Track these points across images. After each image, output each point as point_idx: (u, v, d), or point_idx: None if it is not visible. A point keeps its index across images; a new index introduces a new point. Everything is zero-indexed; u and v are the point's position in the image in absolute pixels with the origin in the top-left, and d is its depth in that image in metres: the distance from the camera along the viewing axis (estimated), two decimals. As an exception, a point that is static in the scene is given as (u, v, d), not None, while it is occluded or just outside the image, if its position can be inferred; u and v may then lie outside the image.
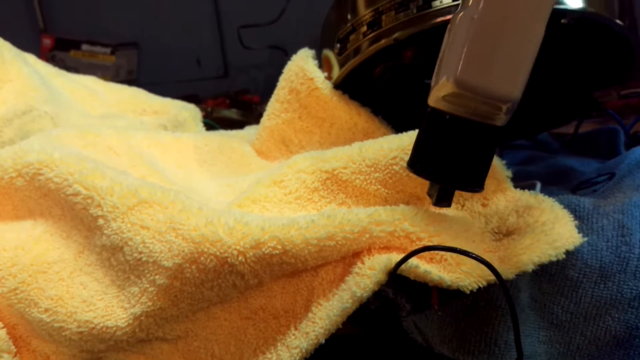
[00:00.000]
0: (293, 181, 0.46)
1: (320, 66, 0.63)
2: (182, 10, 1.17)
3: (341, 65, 0.57)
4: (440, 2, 0.49)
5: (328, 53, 0.60)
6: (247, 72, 1.15)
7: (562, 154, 0.66)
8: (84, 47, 1.12)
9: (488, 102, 0.34)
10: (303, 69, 0.60)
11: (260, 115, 0.68)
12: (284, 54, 1.13)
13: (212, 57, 1.18)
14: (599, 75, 0.61)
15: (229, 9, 1.16)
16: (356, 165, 0.45)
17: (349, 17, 0.55)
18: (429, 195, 0.39)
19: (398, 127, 0.60)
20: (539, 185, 0.52)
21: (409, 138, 0.46)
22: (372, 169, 0.45)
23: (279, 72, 1.11)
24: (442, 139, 0.37)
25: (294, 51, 1.01)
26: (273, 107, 0.63)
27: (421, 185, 0.45)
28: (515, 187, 0.47)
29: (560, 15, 0.49)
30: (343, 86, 0.59)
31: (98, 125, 0.66)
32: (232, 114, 0.98)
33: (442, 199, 0.38)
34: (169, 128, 0.68)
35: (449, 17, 0.48)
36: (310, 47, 0.65)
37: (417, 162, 0.38)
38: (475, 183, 0.37)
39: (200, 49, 1.19)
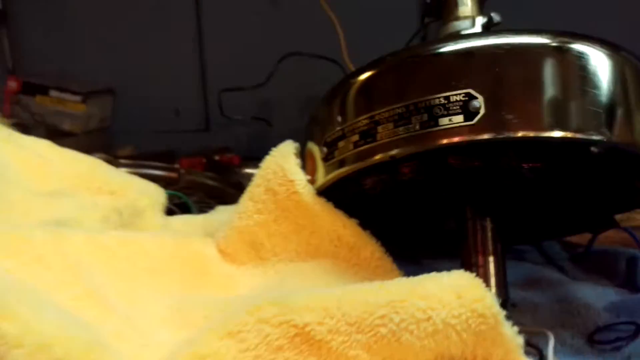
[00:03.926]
0: (253, 334, 0.37)
1: (304, 158, 0.54)
2: (163, 57, 1.09)
3: (326, 172, 0.48)
4: (450, 120, 0.40)
5: (313, 149, 0.51)
6: (229, 129, 1.06)
7: (572, 279, 0.58)
8: (52, 93, 1.03)
9: None
10: (283, 169, 0.52)
11: (238, 184, 0.59)
12: (272, 111, 1.05)
13: (193, 109, 1.09)
14: (621, 199, 0.53)
15: (214, 57, 1.08)
16: (334, 322, 0.36)
17: (338, 119, 0.47)
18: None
19: (389, 245, 0.51)
20: (551, 342, 0.43)
21: (399, 289, 0.37)
22: (354, 328, 0.36)
23: (264, 129, 1.04)
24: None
25: (278, 122, 0.93)
26: (245, 205, 0.54)
27: (414, 354, 0.36)
28: (522, 332, 0.39)
29: (589, 143, 0.41)
30: (327, 192, 0.51)
31: (43, 205, 0.57)
32: (207, 179, 0.89)
33: None
34: (124, 215, 0.59)
35: (457, 138, 0.40)
36: (298, 119, 0.57)
37: None
38: None
39: (181, 99, 1.10)
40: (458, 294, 0.36)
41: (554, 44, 0.41)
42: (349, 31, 0.76)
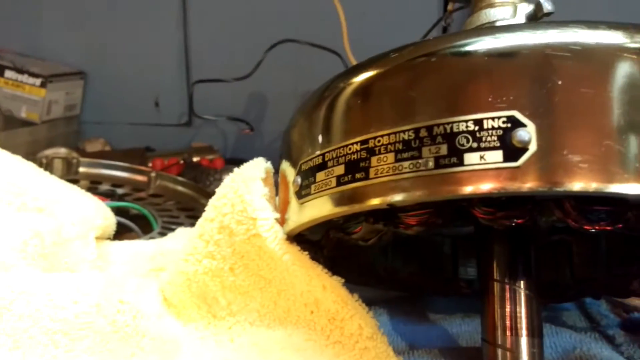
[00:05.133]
0: None
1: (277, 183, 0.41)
2: (143, 38, 0.95)
3: (299, 212, 0.34)
4: (482, 158, 0.26)
5: (287, 173, 0.37)
6: (214, 124, 0.92)
7: (626, 359, 0.44)
8: (8, 74, 0.89)
9: None
10: (243, 201, 0.38)
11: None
12: (263, 106, 0.91)
13: (175, 100, 0.95)
14: None
15: (200, 40, 0.93)
16: None
17: (319, 139, 0.33)
18: None
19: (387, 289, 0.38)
20: None
21: None
22: None
23: (255, 127, 0.90)
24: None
25: (261, 125, 0.80)
26: (193, 245, 0.40)
27: None
28: None
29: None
30: (301, 237, 0.37)
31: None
32: (180, 186, 0.76)
33: None
34: (47, 243, 0.46)
35: (492, 187, 0.26)
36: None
37: None
38: None
39: (161, 88, 0.96)
40: None
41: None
42: (353, 17, 0.62)
